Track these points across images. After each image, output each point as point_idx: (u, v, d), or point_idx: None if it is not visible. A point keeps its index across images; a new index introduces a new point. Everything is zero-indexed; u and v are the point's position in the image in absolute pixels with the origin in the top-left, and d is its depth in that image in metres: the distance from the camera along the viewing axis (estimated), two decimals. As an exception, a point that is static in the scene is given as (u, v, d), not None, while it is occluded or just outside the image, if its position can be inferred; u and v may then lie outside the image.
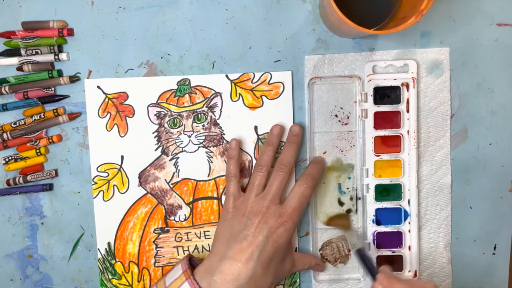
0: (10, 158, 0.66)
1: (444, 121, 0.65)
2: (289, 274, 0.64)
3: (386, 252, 0.66)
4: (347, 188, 0.66)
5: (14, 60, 0.65)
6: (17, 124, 0.65)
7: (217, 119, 0.65)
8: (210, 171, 0.66)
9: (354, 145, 0.66)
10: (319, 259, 0.67)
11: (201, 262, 0.61)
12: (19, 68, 0.65)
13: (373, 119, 0.64)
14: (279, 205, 0.61)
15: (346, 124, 0.65)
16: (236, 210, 0.62)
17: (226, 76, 0.65)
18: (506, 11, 0.63)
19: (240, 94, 0.65)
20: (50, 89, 0.65)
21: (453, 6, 0.64)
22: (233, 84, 0.65)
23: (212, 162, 0.66)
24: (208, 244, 0.67)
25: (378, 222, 0.66)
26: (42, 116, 0.65)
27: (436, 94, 0.64)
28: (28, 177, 0.66)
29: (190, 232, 0.67)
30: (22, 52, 0.64)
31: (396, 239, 0.66)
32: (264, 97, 0.65)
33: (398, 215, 0.66)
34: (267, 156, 0.63)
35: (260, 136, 0.66)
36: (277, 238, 0.60)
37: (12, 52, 0.65)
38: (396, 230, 0.66)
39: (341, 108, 0.65)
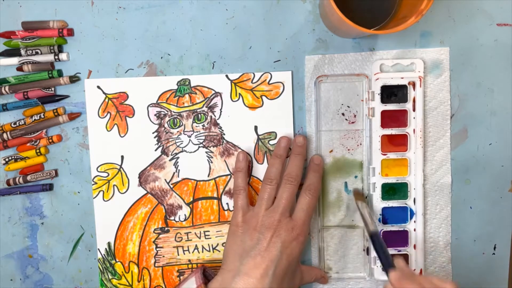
0: (10, 158, 0.66)
1: (444, 121, 0.65)
2: (298, 287, 0.64)
3: (392, 251, 0.66)
4: (353, 186, 0.66)
5: (14, 60, 0.65)
6: (17, 124, 0.65)
7: (217, 119, 0.65)
8: (210, 171, 0.66)
9: (360, 144, 0.66)
10: (323, 272, 0.67)
11: (214, 278, 0.60)
12: (19, 68, 0.65)
13: (380, 118, 0.64)
14: (290, 219, 0.61)
15: (352, 122, 0.65)
16: (246, 224, 0.62)
17: (226, 76, 0.65)
18: (506, 11, 0.63)
19: (240, 94, 0.65)
20: (50, 89, 0.65)
21: (453, 6, 0.64)
22: (233, 84, 0.65)
23: (212, 162, 0.66)
24: (208, 244, 0.67)
25: (384, 221, 0.66)
26: (42, 116, 0.65)
27: (436, 94, 0.64)
28: (28, 177, 0.66)
29: (190, 232, 0.67)
30: (22, 52, 0.64)
31: (402, 237, 0.66)
32: (264, 97, 0.65)
33: (404, 214, 0.66)
34: (275, 169, 0.63)
35: (260, 136, 0.66)
36: (290, 252, 0.60)
37: (12, 52, 0.65)
38: (402, 229, 0.66)
39: (348, 107, 0.65)
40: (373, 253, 0.66)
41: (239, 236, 0.61)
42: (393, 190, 0.65)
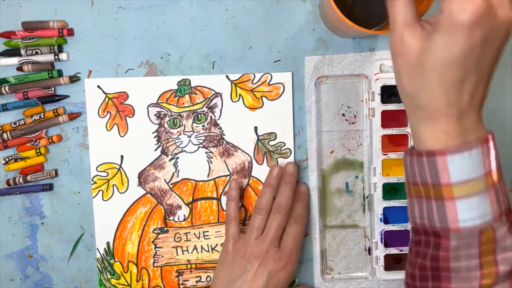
0: (10, 158, 0.66)
1: (444, 121, 0.65)
2: None
3: (393, 250, 0.66)
4: (354, 187, 0.66)
5: (14, 60, 0.65)
6: (17, 124, 0.65)
7: (217, 119, 0.65)
8: (209, 171, 0.66)
9: (361, 144, 0.66)
10: None
11: None
12: (19, 68, 0.65)
13: (380, 118, 0.64)
14: (278, 248, 0.62)
15: (353, 123, 0.65)
16: (236, 253, 0.62)
17: (227, 76, 0.65)
18: (507, 11, 0.63)
19: (240, 94, 0.65)
20: (50, 89, 0.65)
21: (453, 6, 0.63)
22: (233, 84, 0.65)
23: (211, 163, 0.66)
24: (207, 245, 0.67)
25: (386, 220, 0.66)
26: (42, 116, 0.65)
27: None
28: (28, 177, 0.66)
29: (189, 233, 0.67)
30: (22, 52, 0.64)
31: (403, 237, 0.66)
32: (264, 98, 0.65)
33: (405, 214, 0.66)
34: (266, 199, 0.63)
35: (260, 137, 0.65)
36: (277, 281, 0.60)
37: (12, 52, 0.65)
38: (403, 229, 0.66)
39: (348, 107, 0.65)
40: (375, 253, 0.66)
41: (228, 264, 0.62)
42: (395, 190, 0.66)
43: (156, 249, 0.67)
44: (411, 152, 0.47)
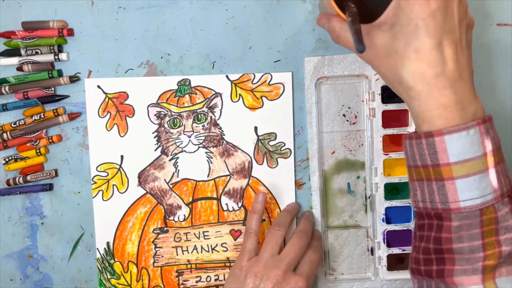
0: (10, 158, 0.66)
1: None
2: None
3: (396, 250, 0.66)
4: (356, 187, 0.66)
5: (14, 60, 0.65)
6: (17, 124, 0.65)
7: (217, 119, 0.65)
8: (209, 171, 0.66)
9: (362, 144, 0.66)
10: None
11: None
12: (19, 68, 0.65)
13: (381, 118, 0.64)
14: (293, 273, 0.59)
15: (354, 123, 0.65)
16: (249, 269, 0.59)
17: (227, 76, 0.65)
18: (506, 11, 0.63)
19: (240, 94, 0.65)
20: (50, 89, 0.65)
21: (453, 6, 0.63)
22: (233, 84, 0.65)
23: (211, 163, 0.66)
24: (207, 245, 0.67)
25: (388, 220, 0.66)
26: (42, 116, 0.65)
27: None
28: (28, 177, 0.66)
29: (189, 233, 0.67)
30: (22, 52, 0.64)
31: (406, 237, 0.66)
32: (264, 98, 0.65)
33: (408, 213, 0.66)
34: (283, 217, 0.63)
35: (260, 137, 0.65)
36: None
37: (12, 52, 0.65)
38: (406, 229, 0.66)
39: (349, 108, 0.65)
40: (378, 253, 0.66)
41: (240, 282, 0.60)
42: (396, 190, 0.66)
43: (156, 249, 0.67)
44: (410, 136, 0.47)
